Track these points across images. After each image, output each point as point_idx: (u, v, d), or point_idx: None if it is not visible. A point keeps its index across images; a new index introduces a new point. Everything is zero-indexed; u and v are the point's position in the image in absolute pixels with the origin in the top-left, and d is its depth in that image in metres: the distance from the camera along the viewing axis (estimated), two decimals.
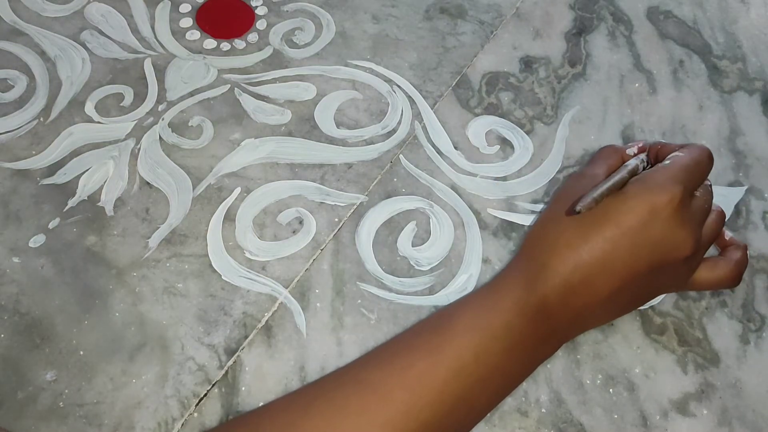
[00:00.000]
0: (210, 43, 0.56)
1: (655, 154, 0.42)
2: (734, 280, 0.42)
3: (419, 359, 0.34)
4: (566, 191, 0.40)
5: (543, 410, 0.41)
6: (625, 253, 0.34)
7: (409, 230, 0.48)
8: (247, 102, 0.53)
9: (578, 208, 0.34)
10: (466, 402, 0.33)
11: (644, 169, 0.40)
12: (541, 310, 0.34)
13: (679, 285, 0.41)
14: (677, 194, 0.35)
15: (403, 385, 0.32)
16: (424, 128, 0.53)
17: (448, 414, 0.32)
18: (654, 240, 0.34)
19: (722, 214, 0.42)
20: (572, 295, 0.35)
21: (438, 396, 0.32)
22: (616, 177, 0.37)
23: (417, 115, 0.53)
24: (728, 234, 0.45)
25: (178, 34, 0.57)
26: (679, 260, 0.36)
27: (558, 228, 0.36)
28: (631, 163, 0.39)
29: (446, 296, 0.45)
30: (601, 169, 0.41)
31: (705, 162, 0.39)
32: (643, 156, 0.42)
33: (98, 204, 0.47)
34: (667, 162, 0.38)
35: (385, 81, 0.55)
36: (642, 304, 0.42)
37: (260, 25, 0.58)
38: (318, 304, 0.44)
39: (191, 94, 0.53)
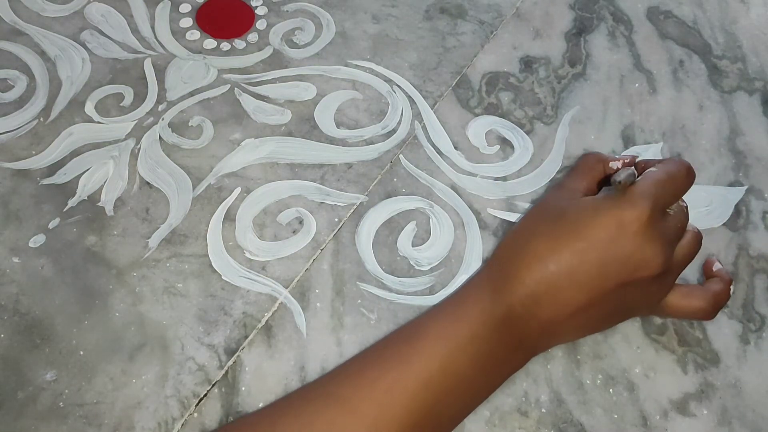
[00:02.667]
0: (210, 43, 0.56)
1: (641, 167, 0.41)
2: (708, 312, 0.40)
3: (387, 371, 0.33)
4: (545, 204, 0.40)
5: (543, 410, 0.41)
6: (592, 267, 0.34)
7: (409, 230, 0.48)
8: (247, 102, 0.53)
9: (617, 179, 0.35)
10: (435, 414, 0.33)
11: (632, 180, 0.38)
12: (506, 320, 0.34)
13: (650, 306, 0.40)
14: (645, 210, 0.34)
15: (371, 398, 0.32)
16: (424, 128, 0.53)
17: (417, 426, 0.32)
18: (622, 256, 0.34)
19: (698, 235, 0.40)
20: (538, 306, 0.34)
21: (406, 409, 0.32)
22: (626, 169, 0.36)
23: (417, 115, 0.53)
24: (717, 266, 0.44)
25: (178, 34, 0.57)
26: (647, 278, 0.36)
27: (528, 239, 0.36)
28: (619, 176, 0.37)
29: (446, 296, 0.45)
30: (583, 182, 0.40)
31: (681, 177, 0.38)
32: (631, 170, 0.39)
33: (98, 204, 0.47)
34: (639, 178, 0.37)
35: (385, 81, 0.55)
36: (614, 324, 0.41)
37: (260, 25, 0.58)
38: (318, 304, 0.44)
39: (191, 94, 0.53)
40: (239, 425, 0.35)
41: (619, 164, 0.42)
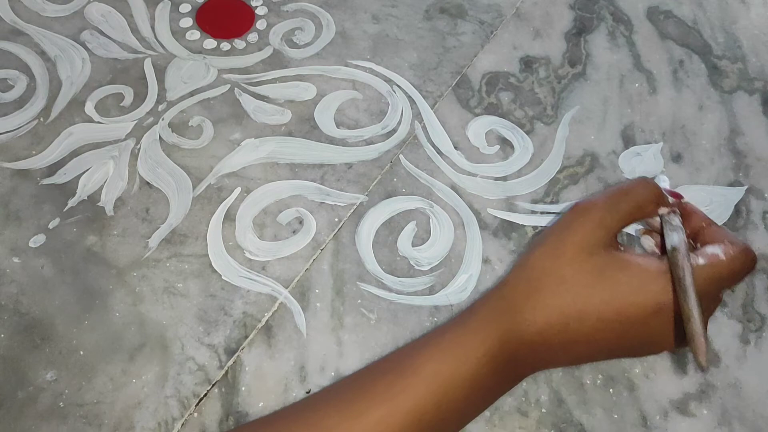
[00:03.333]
0: (210, 43, 0.56)
1: (694, 231, 0.34)
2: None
3: (378, 406, 0.32)
4: (573, 232, 0.33)
5: (543, 410, 0.41)
6: (611, 335, 0.32)
7: (409, 230, 0.48)
8: (247, 102, 0.53)
9: (705, 364, 0.29)
10: None
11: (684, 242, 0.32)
12: (509, 359, 0.33)
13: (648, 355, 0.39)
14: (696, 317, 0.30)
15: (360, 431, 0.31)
16: (424, 128, 0.53)
17: None
18: (643, 335, 0.32)
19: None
20: (546, 350, 0.33)
21: None
22: (691, 293, 0.30)
23: (417, 115, 0.53)
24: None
25: (178, 34, 0.57)
26: (654, 352, 0.34)
27: (552, 280, 0.32)
28: (675, 241, 0.31)
29: (446, 296, 0.45)
30: (621, 222, 0.33)
31: (743, 271, 0.32)
32: (681, 234, 0.33)
33: (98, 204, 0.47)
34: (702, 262, 0.31)
35: (385, 81, 0.55)
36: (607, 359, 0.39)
37: (260, 25, 0.58)
38: (318, 304, 0.44)
39: (191, 94, 0.53)
40: None
41: (666, 211, 0.34)
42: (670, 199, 0.34)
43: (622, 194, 0.34)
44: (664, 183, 0.35)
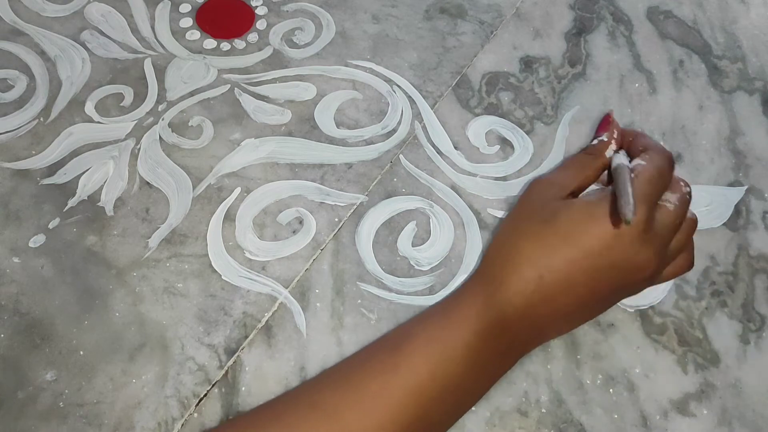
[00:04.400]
0: (210, 43, 0.56)
1: (627, 146, 0.39)
2: (690, 266, 0.39)
3: (373, 379, 0.32)
4: (532, 201, 0.37)
5: (543, 410, 0.41)
6: (585, 275, 0.33)
7: (409, 230, 0.48)
8: (247, 102, 0.53)
9: (629, 218, 0.31)
10: (423, 421, 0.32)
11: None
12: (498, 326, 0.33)
13: (638, 291, 0.39)
14: (641, 216, 0.33)
15: (357, 407, 0.31)
16: (424, 128, 0.53)
17: None
18: (615, 263, 0.33)
19: (694, 222, 0.38)
20: (532, 310, 0.33)
21: (393, 417, 0.31)
22: (628, 183, 0.33)
23: (417, 115, 0.53)
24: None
25: (178, 34, 0.57)
26: (640, 279, 0.35)
27: (518, 243, 0.34)
28: (621, 164, 0.36)
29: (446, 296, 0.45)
30: (575, 179, 0.38)
31: (667, 168, 0.36)
32: (623, 156, 0.38)
33: (98, 204, 0.47)
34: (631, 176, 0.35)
35: (385, 81, 0.55)
36: (605, 310, 0.40)
37: (260, 25, 0.58)
38: (318, 304, 0.44)
39: (191, 94, 0.53)
40: (221, 431, 0.35)
41: (612, 148, 0.40)
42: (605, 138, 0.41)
43: (569, 159, 0.40)
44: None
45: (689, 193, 0.37)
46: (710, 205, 0.50)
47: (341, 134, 0.52)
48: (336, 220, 0.48)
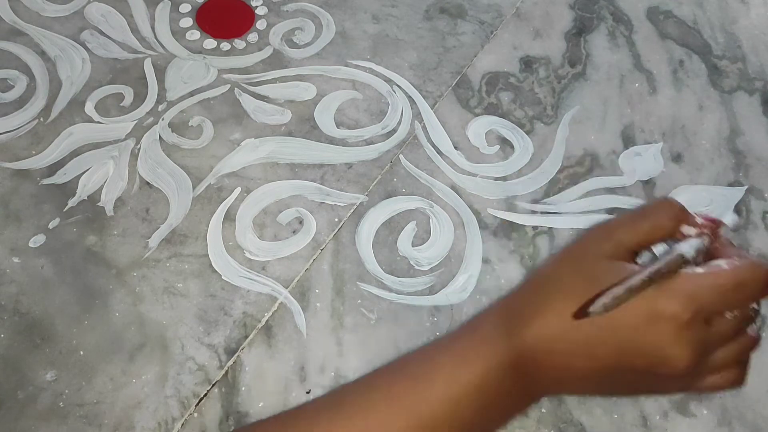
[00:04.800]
0: (210, 43, 0.56)
1: (713, 251, 0.36)
2: (739, 383, 0.37)
3: (389, 406, 0.32)
4: (583, 249, 0.33)
5: (543, 410, 0.41)
6: (610, 347, 0.31)
7: (409, 230, 0.48)
8: (247, 102, 0.53)
9: (590, 310, 0.30)
10: None
11: (696, 258, 0.31)
12: (516, 367, 0.32)
13: (671, 392, 0.37)
14: (685, 314, 0.29)
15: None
16: (424, 128, 0.53)
17: None
18: (642, 347, 0.31)
19: (754, 340, 0.35)
20: (550, 360, 0.33)
21: None
22: (644, 274, 0.30)
23: (417, 115, 0.53)
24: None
25: (178, 34, 0.57)
26: (669, 376, 0.33)
27: (552, 291, 0.33)
28: (681, 248, 0.32)
29: (446, 296, 0.45)
30: (636, 238, 0.34)
31: (751, 284, 0.33)
32: (699, 242, 0.34)
33: (98, 204, 0.47)
34: (700, 270, 0.29)
35: (385, 81, 0.55)
36: (628, 395, 0.38)
37: (260, 25, 0.58)
38: (318, 304, 0.44)
39: (191, 94, 0.53)
40: None
41: (693, 232, 0.35)
42: (699, 223, 0.33)
43: (640, 212, 0.34)
44: (728, 219, 0.33)
45: (755, 311, 0.33)
46: (710, 205, 0.50)
47: (341, 134, 0.52)
48: (336, 220, 0.48)
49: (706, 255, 0.32)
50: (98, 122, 0.51)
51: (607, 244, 0.34)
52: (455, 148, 0.52)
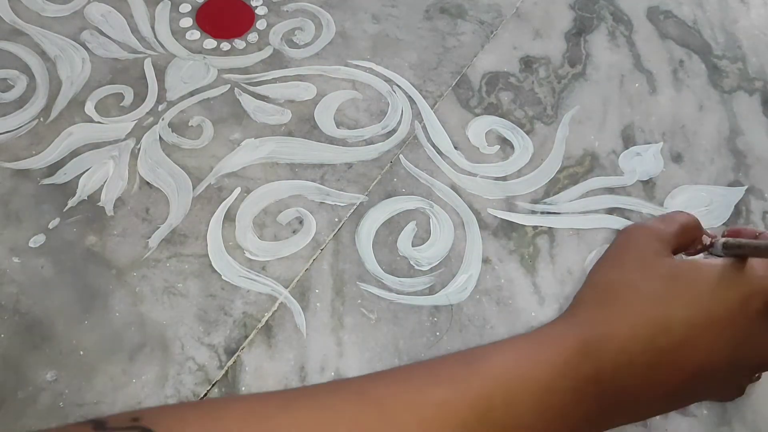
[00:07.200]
0: (210, 43, 0.56)
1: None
2: None
3: (439, 384, 0.27)
4: (637, 248, 0.33)
5: None
6: (700, 349, 0.29)
7: (409, 230, 0.48)
8: (247, 102, 0.53)
9: (723, 241, 0.29)
10: None
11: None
12: (590, 384, 0.28)
13: (731, 396, 0.35)
14: None
15: (415, 409, 0.25)
16: (424, 128, 0.53)
17: None
18: (736, 336, 0.29)
19: None
20: (631, 378, 0.29)
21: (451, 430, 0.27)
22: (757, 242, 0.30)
23: (417, 115, 0.53)
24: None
25: (178, 34, 0.57)
26: (760, 364, 0.30)
27: (628, 293, 0.30)
28: (721, 240, 0.32)
29: (446, 296, 0.45)
30: (677, 238, 0.33)
31: None
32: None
33: (98, 204, 0.47)
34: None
35: (385, 81, 0.55)
36: (687, 405, 0.34)
37: (260, 25, 0.58)
38: (318, 304, 0.44)
39: (191, 94, 0.53)
40: (246, 399, 0.29)
41: (708, 240, 0.35)
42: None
43: (668, 216, 0.34)
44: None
45: None
46: (710, 205, 0.50)
47: (341, 134, 0.52)
48: (336, 220, 0.48)
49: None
50: (98, 122, 0.51)
51: (657, 243, 0.33)
52: (455, 148, 0.52)
